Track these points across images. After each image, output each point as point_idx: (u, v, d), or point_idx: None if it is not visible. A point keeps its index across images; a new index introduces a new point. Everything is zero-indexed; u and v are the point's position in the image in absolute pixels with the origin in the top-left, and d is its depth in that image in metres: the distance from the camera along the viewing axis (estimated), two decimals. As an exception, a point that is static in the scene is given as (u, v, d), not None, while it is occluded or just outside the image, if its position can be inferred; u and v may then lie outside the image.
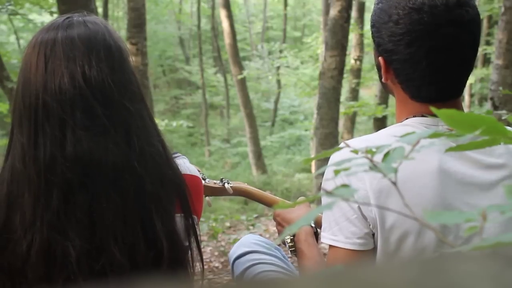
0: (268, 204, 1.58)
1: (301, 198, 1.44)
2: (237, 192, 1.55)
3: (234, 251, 1.56)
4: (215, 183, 1.52)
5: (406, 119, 1.11)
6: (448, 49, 1.03)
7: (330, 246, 1.07)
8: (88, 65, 0.98)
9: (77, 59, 0.98)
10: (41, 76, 0.98)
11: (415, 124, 1.07)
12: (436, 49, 1.03)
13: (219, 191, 1.53)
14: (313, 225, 1.35)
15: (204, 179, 1.49)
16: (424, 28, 1.01)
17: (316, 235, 1.35)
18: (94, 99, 0.98)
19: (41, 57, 0.99)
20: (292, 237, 1.33)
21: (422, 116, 1.09)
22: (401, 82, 1.10)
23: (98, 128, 0.98)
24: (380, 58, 1.10)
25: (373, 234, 1.04)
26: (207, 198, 1.53)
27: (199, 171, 1.51)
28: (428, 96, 1.08)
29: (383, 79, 1.12)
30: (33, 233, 0.96)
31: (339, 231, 1.05)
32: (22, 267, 0.97)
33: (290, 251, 1.35)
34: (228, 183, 1.53)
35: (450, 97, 1.09)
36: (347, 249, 1.04)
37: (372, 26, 1.11)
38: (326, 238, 1.08)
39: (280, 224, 1.40)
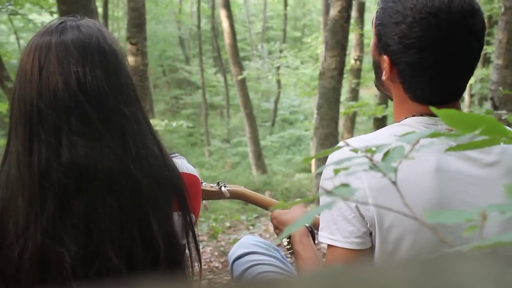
0: (265, 206, 1.58)
1: (297, 200, 1.44)
2: (234, 195, 1.55)
3: (233, 252, 1.56)
4: (211, 186, 1.52)
5: (405, 118, 1.11)
6: (459, 56, 1.04)
7: (329, 245, 1.08)
8: (83, 71, 0.98)
9: (71, 66, 0.98)
10: (35, 83, 0.98)
11: (414, 124, 1.07)
12: (448, 56, 1.03)
13: (216, 195, 1.53)
14: (307, 225, 1.34)
15: (201, 183, 1.49)
16: (439, 35, 1.01)
17: (312, 235, 1.35)
18: (89, 105, 0.98)
19: (35, 63, 0.99)
20: (288, 239, 1.33)
21: (421, 115, 1.09)
22: (404, 83, 1.09)
23: (94, 133, 0.98)
24: (384, 56, 1.09)
25: (371, 233, 1.05)
26: (204, 201, 1.52)
27: None
28: (430, 99, 1.08)
29: (384, 77, 1.11)
30: (26, 239, 0.96)
31: (337, 230, 1.05)
32: (15, 273, 0.97)
33: (289, 252, 1.35)
34: (225, 186, 1.53)
35: (451, 99, 1.10)
36: (345, 248, 1.05)
37: (379, 24, 1.09)
38: (324, 237, 1.08)
39: (277, 227, 1.41)
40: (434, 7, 1.01)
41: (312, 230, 1.35)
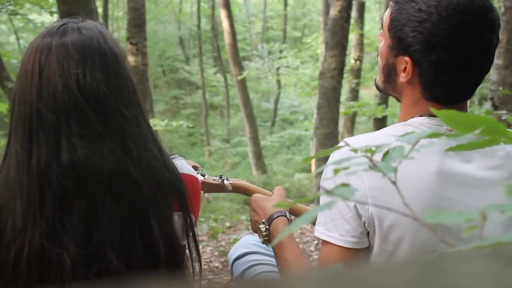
0: None
1: (277, 187, 1.44)
2: (236, 189, 1.54)
3: (233, 252, 1.56)
4: (214, 179, 1.52)
5: (412, 118, 1.10)
6: (483, 52, 1.04)
7: (324, 241, 1.07)
8: (82, 73, 0.98)
9: (71, 68, 0.98)
10: (35, 84, 0.98)
11: (417, 125, 1.06)
12: (474, 53, 1.03)
13: (218, 188, 1.53)
14: (288, 215, 1.33)
15: (204, 176, 1.49)
16: (466, 32, 1.01)
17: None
18: (89, 107, 0.98)
19: (36, 65, 0.99)
20: (267, 227, 1.32)
21: (428, 116, 1.08)
22: (424, 82, 1.07)
23: (93, 135, 0.98)
24: (406, 57, 1.07)
25: (368, 233, 1.04)
26: (206, 194, 1.53)
27: (198, 167, 1.51)
28: (449, 98, 1.07)
29: (403, 79, 1.09)
30: (23, 239, 0.96)
31: (334, 228, 1.05)
32: (12, 273, 0.97)
33: (264, 240, 1.32)
34: (227, 180, 1.53)
35: (468, 97, 1.10)
36: (340, 246, 1.05)
37: (397, 25, 1.07)
38: (320, 232, 1.08)
39: (255, 210, 1.38)
40: (459, 3, 1.00)
41: (291, 220, 1.34)
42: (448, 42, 1.02)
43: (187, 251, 1.12)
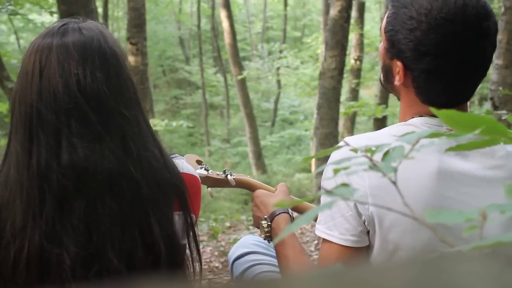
0: None
1: (280, 184, 1.45)
2: (240, 184, 1.54)
3: (233, 252, 1.56)
4: (218, 174, 1.52)
5: (412, 118, 1.10)
6: (475, 61, 1.03)
7: (324, 239, 1.08)
8: (83, 74, 0.98)
9: (71, 68, 0.98)
10: (36, 84, 0.98)
11: (419, 124, 1.07)
12: (464, 61, 1.02)
13: (221, 183, 1.53)
14: (290, 212, 1.34)
15: (207, 170, 1.50)
16: (456, 41, 1.00)
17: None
18: (89, 107, 0.98)
19: (36, 65, 0.99)
20: (269, 223, 1.32)
21: (428, 116, 1.08)
22: (417, 87, 1.08)
23: (94, 135, 0.98)
24: (398, 62, 1.07)
25: (368, 232, 1.05)
26: (209, 189, 1.53)
27: (202, 162, 1.51)
28: (445, 102, 1.07)
29: (397, 82, 1.10)
30: (22, 239, 0.96)
31: (334, 226, 1.06)
32: (12, 273, 0.97)
33: (265, 236, 1.33)
34: (231, 175, 1.53)
35: (465, 101, 1.10)
36: (340, 245, 1.05)
37: (391, 30, 1.07)
38: (321, 231, 1.08)
39: (257, 206, 1.39)
40: (449, 12, 0.99)
41: (293, 217, 1.35)
42: (438, 51, 1.01)
43: (187, 251, 1.12)
